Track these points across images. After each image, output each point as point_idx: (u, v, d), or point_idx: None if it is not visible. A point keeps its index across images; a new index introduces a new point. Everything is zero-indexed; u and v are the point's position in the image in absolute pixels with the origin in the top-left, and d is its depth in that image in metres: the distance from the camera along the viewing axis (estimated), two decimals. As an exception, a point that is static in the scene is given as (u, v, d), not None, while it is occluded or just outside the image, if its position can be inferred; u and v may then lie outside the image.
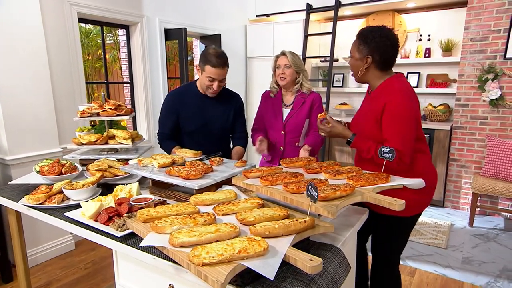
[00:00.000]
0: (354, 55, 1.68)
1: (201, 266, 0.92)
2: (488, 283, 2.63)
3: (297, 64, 2.28)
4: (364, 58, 1.64)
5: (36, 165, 1.88)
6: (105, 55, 3.97)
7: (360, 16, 4.86)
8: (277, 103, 2.40)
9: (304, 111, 2.33)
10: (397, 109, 1.55)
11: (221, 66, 2.03)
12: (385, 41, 1.61)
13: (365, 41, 1.63)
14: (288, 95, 2.39)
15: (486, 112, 3.78)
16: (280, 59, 2.30)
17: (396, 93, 1.58)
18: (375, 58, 1.62)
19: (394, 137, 1.55)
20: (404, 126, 1.55)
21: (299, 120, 2.33)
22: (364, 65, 1.65)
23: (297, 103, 2.34)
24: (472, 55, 3.78)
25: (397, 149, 1.49)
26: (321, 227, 1.15)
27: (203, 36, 4.71)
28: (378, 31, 1.63)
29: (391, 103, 1.56)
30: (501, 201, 3.83)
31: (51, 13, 2.99)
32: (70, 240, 3.19)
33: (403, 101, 1.56)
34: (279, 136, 2.37)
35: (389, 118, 1.57)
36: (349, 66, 1.75)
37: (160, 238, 1.08)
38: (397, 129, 1.55)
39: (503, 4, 3.58)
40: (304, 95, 2.34)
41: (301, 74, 2.32)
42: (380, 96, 1.64)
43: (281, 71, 2.28)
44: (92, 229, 1.35)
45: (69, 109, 3.21)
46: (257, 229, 1.06)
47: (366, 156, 1.62)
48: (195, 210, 1.27)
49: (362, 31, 1.68)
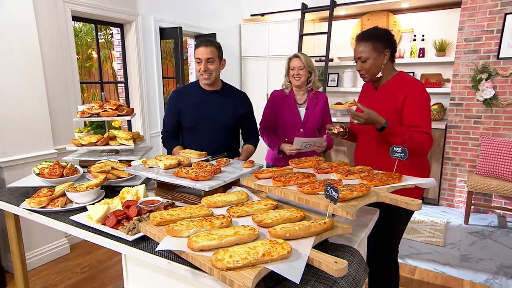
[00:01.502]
0: (370, 56, 1.71)
1: (225, 270, 0.89)
2: (487, 280, 2.66)
3: (310, 64, 2.40)
4: (382, 53, 1.71)
5: (35, 167, 1.82)
6: (99, 54, 3.89)
7: (354, 16, 4.88)
8: (292, 102, 2.47)
9: (318, 111, 2.47)
10: (422, 97, 1.67)
11: (203, 44, 2.05)
12: (391, 35, 1.73)
13: (378, 39, 1.69)
14: (300, 94, 2.50)
15: (480, 111, 3.84)
16: (294, 61, 2.41)
17: (417, 83, 1.70)
18: (390, 52, 1.72)
19: (423, 122, 1.65)
20: (428, 112, 1.69)
21: (316, 119, 2.47)
22: (385, 59, 1.72)
23: (311, 102, 2.47)
24: (466, 55, 3.84)
25: (427, 133, 1.62)
26: (339, 228, 1.14)
27: (198, 35, 4.66)
28: (381, 29, 1.75)
29: (415, 92, 1.66)
30: (495, 198, 3.89)
31: (44, 10, 2.91)
32: (65, 243, 3.11)
33: (424, 90, 1.68)
34: (298, 134, 2.43)
35: (415, 106, 1.66)
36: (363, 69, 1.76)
37: (177, 242, 1.04)
38: (424, 116, 1.66)
39: (496, 5, 3.64)
40: (315, 94, 2.48)
41: (313, 73, 2.45)
42: (398, 88, 1.71)
43: (296, 72, 2.39)
44: (100, 233, 1.30)
45: (64, 109, 3.13)
46: (277, 231, 1.04)
47: (399, 141, 1.62)
48: (209, 212, 1.24)
49: (366, 33, 1.75)
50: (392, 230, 1.84)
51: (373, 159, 1.78)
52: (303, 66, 2.36)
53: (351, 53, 4.93)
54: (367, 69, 1.74)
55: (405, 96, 1.68)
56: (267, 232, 1.10)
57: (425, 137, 1.64)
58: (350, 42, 4.96)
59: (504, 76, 3.66)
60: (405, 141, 1.62)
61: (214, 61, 2.08)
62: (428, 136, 1.65)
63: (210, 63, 2.07)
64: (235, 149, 2.36)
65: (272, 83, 5.11)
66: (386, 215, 1.69)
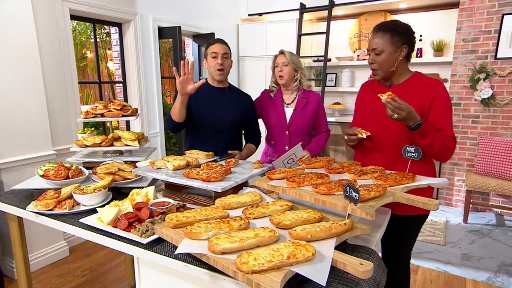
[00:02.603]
0: (384, 49, 1.60)
1: (251, 273, 0.87)
2: (489, 278, 2.69)
3: (295, 62, 2.29)
4: (399, 49, 1.60)
5: (39, 168, 1.78)
6: (98, 53, 3.83)
7: (352, 16, 4.90)
8: (278, 102, 2.37)
9: (308, 112, 2.32)
10: (448, 101, 1.62)
11: (219, 42, 2.15)
12: (412, 32, 1.64)
13: (397, 32, 1.59)
14: (288, 94, 2.38)
15: (478, 111, 3.88)
16: (279, 57, 2.31)
17: (443, 85, 1.63)
18: (408, 49, 1.62)
19: (449, 127, 1.60)
20: (452, 117, 1.64)
21: (304, 120, 2.32)
22: (400, 56, 1.61)
23: (299, 103, 2.32)
24: (464, 55, 3.87)
25: (452, 137, 1.58)
26: (358, 229, 1.13)
27: (196, 35, 4.63)
28: (402, 23, 1.64)
29: (443, 95, 1.60)
30: (492, 197, 3.94)
31: (42, 9, 2.85)
32: (64, 246, 3.06)
33: (447, 93, 1.63)
34: (283, 137, 2.35)
35: (443, 109, 1.60)
36: (376, 63, 1.65)
37: (196, 245, 1.02)
38: (450, 120, 1.62)
39: (493, 6, 3.69)
40: (305, 94, 2.34)
41: (299, 71, 2.33)
42: (421, 89, 1.62)
43: (279, 69, 2.29)
44: (113, 236, 1.27)
45: (62, 109, 3.08)
46: (299, 233, 1.03)
47: (429, 142, 1.53)
48: (225, 214, 1.22)
49: (386, 23, 1.64)
50: (404, 239, 1.80)
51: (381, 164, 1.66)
52: (288, 63, 2.26)
53: (349, 53, 4.96)
54: (379, 63, 1.62)
55: (433, 97, 1.59)
56: (286, 234, 1.09)
57: (452, 142, 1.58)
58: (348, 42, 4.97)
59: (501, 76, 3.70)
60: (435, 144, 1.53)
61: (228, 57, 2.15)
62: (454, 141, 1.60)
63: (225, 59, 2.13)
64: (239, 149, 2.35)
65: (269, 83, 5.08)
66: (397, 226, 1.66)
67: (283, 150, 2.35)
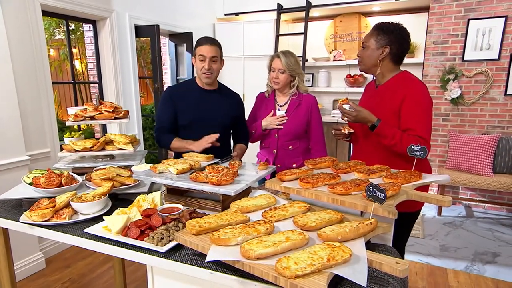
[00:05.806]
0: (369, 45, 1.71)
1: (294, 278, 0.86)
2: (467, 267, 2.85)
3: (292, 68, 2.19)
4: (382, 48, 1.69)
5: (26, 176, 1.64)
6: (71, 52, 3.62)
7: (328, 17, 5.00)
8: (271, 104, 2.35)
9: (300, 115, 2.25)
10: (420, 99, 1.63)
11: (208, 43, 2.03)
12: (403, 35, 1.69)
13: (385, 32, 1.68)
14: (282, 96, 2.34)
15: (447, 110, 4.11)
16: (274, 61, 2.22)
17: (417, 85, 1.66)
18: (392, 50, 1.68)
19: (418, 126, 1.60)
20: (427, 115, 1.64)
21: (294, 124, 2.25)
22: (381, 56, 1.70)
23: (291, 106, 2.28)
24: (434, 57, 4.09)
25: (422, 137, 1.58)
26: (380, 228, 1.15)
27: (173, 34, 4.51)
28: (397, 25, 1.70)
29: (413, 94, 1.63)
30: (461, 190, 4.19)
31: (11, 3, 2.64)
32: (40, 258, 2.86)
33: (424, 92, 1.65)
34: (272, 139, 2.32)
35: (412, 108, 1.62)
36: (361, 56, 1.78)
37: (227, 251, 0.99)
38: (422, 119, 1.62)
39: (459, 11, 3.92)
40: (299, 96, 2.28)
41: (297, 77, 2.25)
42: (397, 88, 1.69)
43: (275, 75, 2.21)
44: (125, 246, 1.20)
45: (35, 112, 2.88)
46: (329, 235, 1.03)
47: (389, 142, 1.61)
48: (246, 218, 1.19)
49: (380, 23, 1.74)
50: (398, 237, 1.83)
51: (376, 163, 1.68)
52: (284, 70, 2.17)
53: (325, 53, 5.06)
54: (362, 56, 1.76)
55: (403, 97, 1.63)
56: (312, 235, 1.08)
57: (417, 141, 1.56)
58: (324, 43, 5.07)
59: (468, 77, 3.95)
60: (396, 144, 1.58)
61: (217, 60, 2.05)
62: (423, 140, 1.58)
63: (214, 62, 2.03)
64: (228, 148, 2.32)
65: (248, 83, 5.08)
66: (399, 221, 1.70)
67: (272, 153, 2.34)
